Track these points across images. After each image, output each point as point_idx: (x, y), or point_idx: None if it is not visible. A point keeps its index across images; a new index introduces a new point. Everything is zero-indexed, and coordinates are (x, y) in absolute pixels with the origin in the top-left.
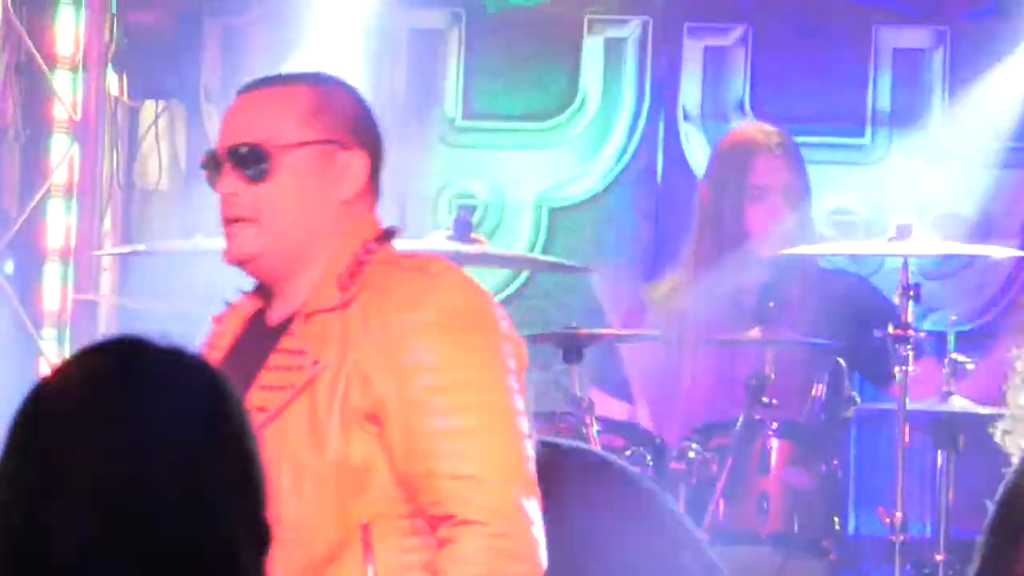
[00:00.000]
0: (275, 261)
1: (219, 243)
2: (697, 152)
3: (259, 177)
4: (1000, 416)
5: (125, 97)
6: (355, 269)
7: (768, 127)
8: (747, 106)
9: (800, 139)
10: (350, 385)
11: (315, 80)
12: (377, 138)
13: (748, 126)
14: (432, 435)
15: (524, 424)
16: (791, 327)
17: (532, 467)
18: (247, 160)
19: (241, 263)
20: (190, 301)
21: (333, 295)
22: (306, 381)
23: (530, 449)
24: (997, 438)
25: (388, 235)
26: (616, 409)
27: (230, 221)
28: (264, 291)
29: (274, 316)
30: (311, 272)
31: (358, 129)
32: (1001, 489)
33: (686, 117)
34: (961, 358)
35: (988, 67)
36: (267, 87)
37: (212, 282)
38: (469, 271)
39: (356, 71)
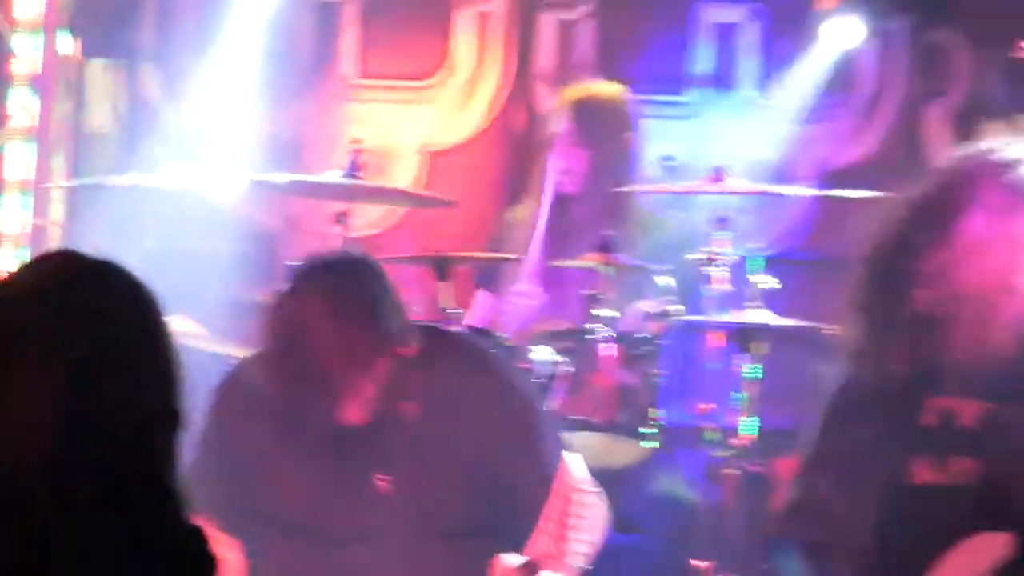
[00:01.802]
0: None
1: (149, 179)
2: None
3: None
4: (796, 327)
5: (77, 56)
6: None
7: (583, 86)
8: (592, 70)
9: (635, 97)
10: None
11: None
12: None
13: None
14: None
15: None
16: (623, 252)
17: None
18: None
19: None
20: (128, 228)
21: None
22: None
23: None
24: None
25: None
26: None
27: None
28: None
29: None
30: None
31: None
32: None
33: (542, 78)
34: (764, 278)
35: (797, 38)
36: None
37: (141, 212)
38: (360, 206)
39: (266, 38)
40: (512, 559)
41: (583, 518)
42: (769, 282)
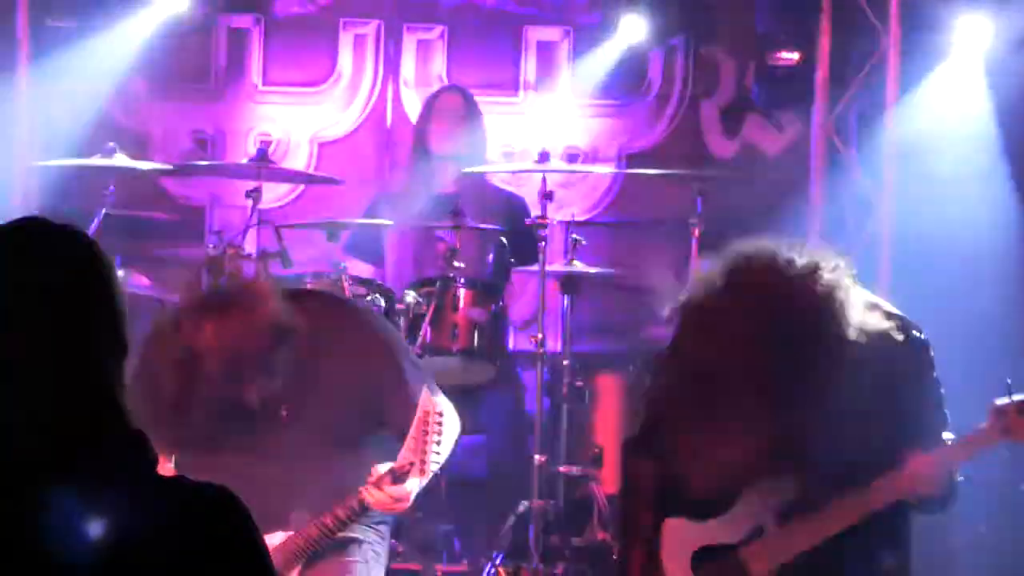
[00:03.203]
0: None
1: (105, 163)
2: (413, 107)
3: None
4: (603, 274)
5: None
6: None
7: (449, 86)
8: (444, 78)
9: (480, 98)
10: None
11: None
12: None
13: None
14: None
15: None
16: (472, 218)
17: None
18: None
19: None
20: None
21: None
22: None
23: None
24: None
25: None
26: (364, 269)
27: None
28: None
29: None
30: None
31: None
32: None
33: (405, 84)
34: (578, 237)
35: (598, 50)
36: None
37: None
38: (268, 185)
39: (190, 56)
40: (384, 466)
41: (439, 435)
42: (581, 239)
